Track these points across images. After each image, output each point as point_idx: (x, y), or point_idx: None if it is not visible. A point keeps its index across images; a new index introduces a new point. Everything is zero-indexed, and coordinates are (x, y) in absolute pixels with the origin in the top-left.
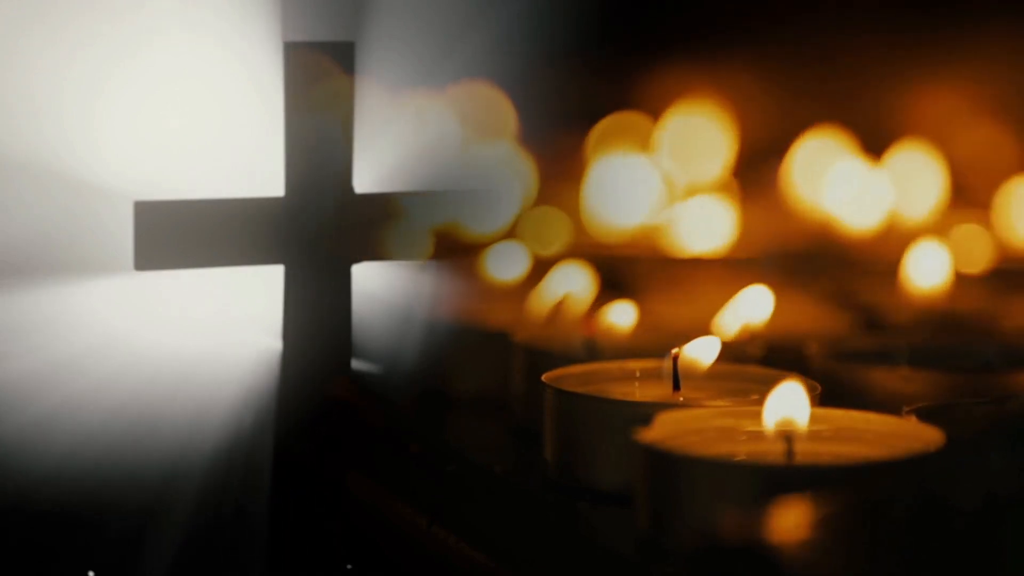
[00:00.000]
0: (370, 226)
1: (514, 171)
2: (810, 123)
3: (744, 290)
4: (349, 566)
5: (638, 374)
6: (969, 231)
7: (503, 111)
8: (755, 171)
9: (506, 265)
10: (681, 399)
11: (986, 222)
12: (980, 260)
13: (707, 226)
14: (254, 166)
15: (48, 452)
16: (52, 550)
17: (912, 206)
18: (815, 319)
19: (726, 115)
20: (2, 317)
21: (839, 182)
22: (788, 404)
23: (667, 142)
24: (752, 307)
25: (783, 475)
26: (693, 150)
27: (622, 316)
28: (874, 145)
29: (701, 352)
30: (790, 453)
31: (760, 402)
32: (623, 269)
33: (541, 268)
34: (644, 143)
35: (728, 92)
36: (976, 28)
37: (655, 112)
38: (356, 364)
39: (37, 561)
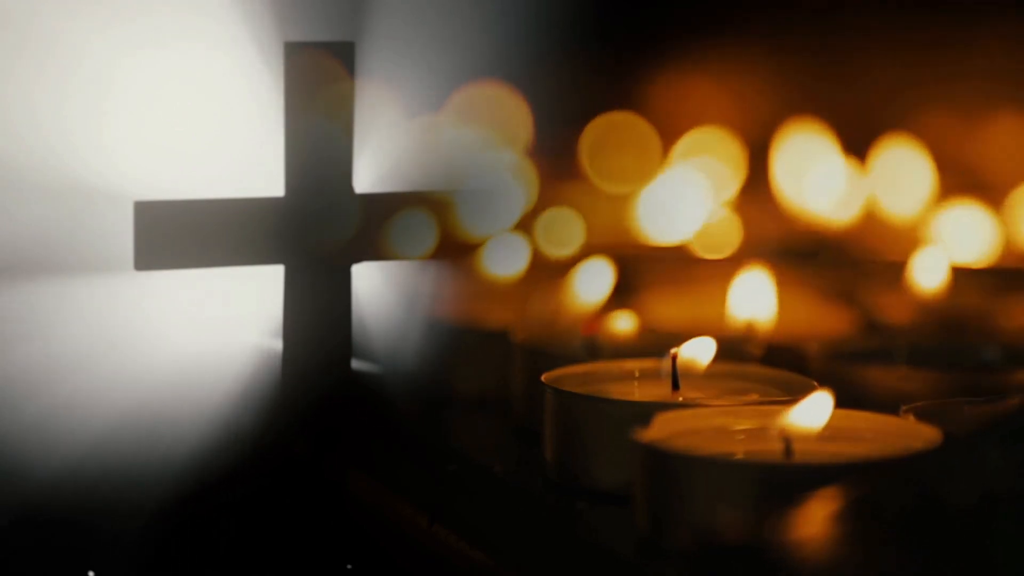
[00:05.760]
0: (370, 226)
1: (515, 171)
2: (809, 120)
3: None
4: (349, 566)
5: (637, 374)
6: (968, 223)
7: (505, 111)
8: (753, 169)
9: (506, 262)
10: (680, 399)
11: (987, 219)
12: (980, 252)
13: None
14: (254, 166)
15: (47, 452)
16: (51, 550)
17: (910, 204)
18: (814, 318)
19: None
20: (1, 317)
21: (835, 179)
22: (813, 412)
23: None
24: (754, 297)
25: (782, 474)
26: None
27: (622, 316)
28: (870, 142)
29: (697, 353)
30: (789, 452)
31: (760, 402)
32: (623, 268)
33: (542, 267)
34: (639, 143)
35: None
36: (977, 25)
37: (655, 111)
38: (356, 364)
39: (36, 561)
